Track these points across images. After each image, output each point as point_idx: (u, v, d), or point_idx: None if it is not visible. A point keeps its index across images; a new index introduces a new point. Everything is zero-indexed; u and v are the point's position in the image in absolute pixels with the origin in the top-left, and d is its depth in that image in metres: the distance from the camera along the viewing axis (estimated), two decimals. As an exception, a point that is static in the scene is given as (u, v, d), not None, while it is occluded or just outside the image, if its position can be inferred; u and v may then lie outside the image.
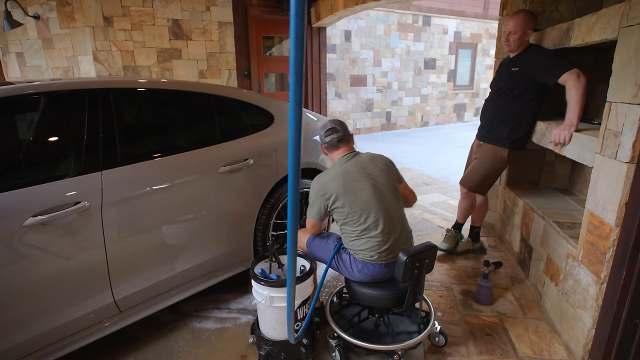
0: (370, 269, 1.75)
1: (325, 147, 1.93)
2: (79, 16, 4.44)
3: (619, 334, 1.60)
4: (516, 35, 2.36)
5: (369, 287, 1.76)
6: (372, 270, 1.75)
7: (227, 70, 5.55)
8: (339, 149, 1.90)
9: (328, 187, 1.78)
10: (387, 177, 1.83)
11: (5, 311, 1.49)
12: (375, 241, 1.73)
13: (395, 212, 1.81)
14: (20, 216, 1.46)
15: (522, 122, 2.47)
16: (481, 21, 9.90)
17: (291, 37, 0.56)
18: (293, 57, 0.59)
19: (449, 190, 4.52)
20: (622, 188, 1.54)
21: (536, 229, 2.40)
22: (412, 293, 1.68)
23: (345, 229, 1.81)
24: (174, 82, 2.35)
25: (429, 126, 9.73)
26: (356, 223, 1.75)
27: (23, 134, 1.71)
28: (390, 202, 1.80)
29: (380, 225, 1.73)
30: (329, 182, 1.79)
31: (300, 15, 0.55)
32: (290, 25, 0.56)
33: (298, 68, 0.59)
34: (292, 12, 0.55)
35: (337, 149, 1.90)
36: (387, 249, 1.73)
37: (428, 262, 1.69)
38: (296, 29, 0.55)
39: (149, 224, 1.87)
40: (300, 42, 0.57)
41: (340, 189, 1.76)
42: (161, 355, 1.93)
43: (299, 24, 0.55)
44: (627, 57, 1.54)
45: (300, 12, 0.54)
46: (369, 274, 1.76)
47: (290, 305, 0.70)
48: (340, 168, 1.82)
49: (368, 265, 1.75)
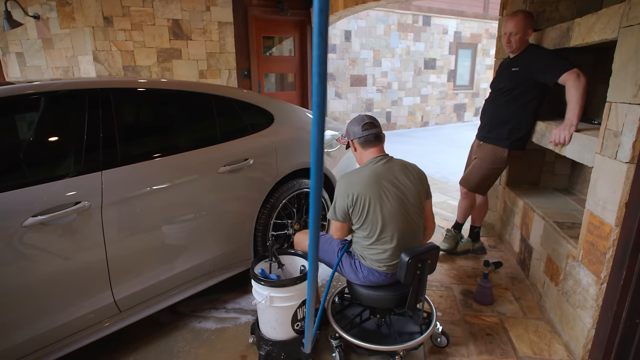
0: (376, 276, 1.74)
1: (359, 143, 1.78)
2: (79, 16, 4.44)
3: (619, 334, 1.60)
4: (517, 35, 2.36)
5: (371, 288, 1.76)
6: (378, 277, 1.74)
7: (227, 70, 5.55)
8: (373, 147, 1.78)
9: (355, 188, 1.67)
10: (415, 192, 1.73)
11: (5, 311, 1.49)
12: (387, 255, 1.70)
13: (414, 229, 1.76)
14: (20, 216, 1.46)
15: (522, 122, 2.47)
16: (481, 21, 9.90)
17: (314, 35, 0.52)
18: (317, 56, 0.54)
19: (449, 190, 4.52)
20: (622, 188, 1.54)
21: (536, 229, 2.40)
22: (414, 294, 1.68)
23: (358, 234, 1.75)
24: (174, 82, 2.35)
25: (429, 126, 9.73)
26: (371, 232, 1.69)
27: (23, 134, 1.71)
28: (412, 219, 1.74)
29: (395, 240, 1.68)
30: (357, 184, 1.68)
31: (324, 11, 0.51)
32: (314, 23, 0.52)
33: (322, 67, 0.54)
34: (316, 9, 0.51)
35: (371, 147, 1.78)
36: (397, 263, 1.71)
37: (430, 263, 1.69)
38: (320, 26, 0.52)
39: (149, 224, 1.86)
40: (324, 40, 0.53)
41: (366, 193, 1.66)
42: (161, 355, 1.93)
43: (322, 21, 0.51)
44: (627, 57, 1.54)
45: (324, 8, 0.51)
46: (374, 281, 1.75)
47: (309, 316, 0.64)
48: (370, 171, 1.71)
49: (374, 272, 1.74)
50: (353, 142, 1.82)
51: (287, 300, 1.73)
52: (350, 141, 1.85)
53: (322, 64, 0.54)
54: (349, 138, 1.85)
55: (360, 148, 1.81)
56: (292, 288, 1.72)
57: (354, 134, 1.80)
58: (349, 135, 1.84)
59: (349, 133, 1.84)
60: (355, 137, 1.80)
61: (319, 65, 0.54)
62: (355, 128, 1.79)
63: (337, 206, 1.73)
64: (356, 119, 1.83)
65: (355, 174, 1.74)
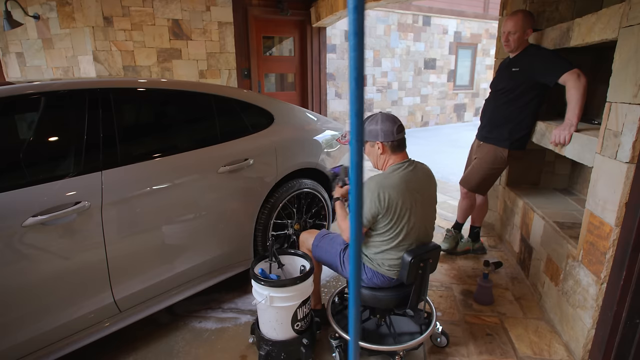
0: (380, 279, 1.72)
1: (392, 146, 1.65)
2: (79, 16, 4.44)
3: (619, 334, 1.59)
4: (516, 35, 2.36)
5: (373, 289, 1.76)
6: (382, 281, 1.72)
7: (227, 70, 5.55)
8: (401, 152, 1.69)
9: (387, 193, 1.57)
10: (435, 201, 1.74)
11: (5, 311, 1.49)
12: (400, 262, 1.66)
13: (429, 238, 1.76)
14: (20, 216, 1.46)
15: (522, 122, 2.47)
16: (481, 21, 9.90)
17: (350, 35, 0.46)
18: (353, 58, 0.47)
19: (449, 190, 4.52)
20: (622, 188, 1.54)
21: (536, 229, 2.40)
22: (416, 293, 1.68)
23: (374, 238, 1.67)
24: (174, 82, 2.35)
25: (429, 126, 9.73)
26: (391, 238, 1.63)
27: (23, 134, 1.71)
28: (430, 228, 1.74)
29: (412, 249, 1.66)
30: (390, 190, 1.58)
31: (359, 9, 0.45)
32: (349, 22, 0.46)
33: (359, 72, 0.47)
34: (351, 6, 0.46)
35: (400, 152, 1.68)
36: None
37: (432, 263, 1.69)
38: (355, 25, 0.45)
39: (149, 224, 1.86)
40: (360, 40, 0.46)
41: (398, 200, 1.57)
42: (161, 355, 1.93)
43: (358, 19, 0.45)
44: (627, 57, 1.54)
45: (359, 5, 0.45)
46: (377, 283, 1.73)
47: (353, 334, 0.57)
48: (400, 179, 1.62)
49: (379, 275, 1.71)
50: (383, 144, 1.65)
51: (287, 300, 1.73)
52: (378, 143, 1.66)
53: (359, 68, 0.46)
54: (377, 139, 1.65)
55: (389, 151, 1.66)
56: (292, 288, 1.72)
57: (387, 136, 1.63)
58: (379, 136, 1.64)
59: (379, 134, 1.64)
60: (388, 140, 1.64)
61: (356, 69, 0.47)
62: (388, 129, 1.63)
63: (367, 210, 1.58)
64: (386, 118, 1.66)
65: (387, 179, 1.61)
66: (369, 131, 1.68)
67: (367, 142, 1.70)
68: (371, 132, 1.68)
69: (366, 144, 1.71)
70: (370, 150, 1.71)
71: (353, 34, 0.46)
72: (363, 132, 0.53)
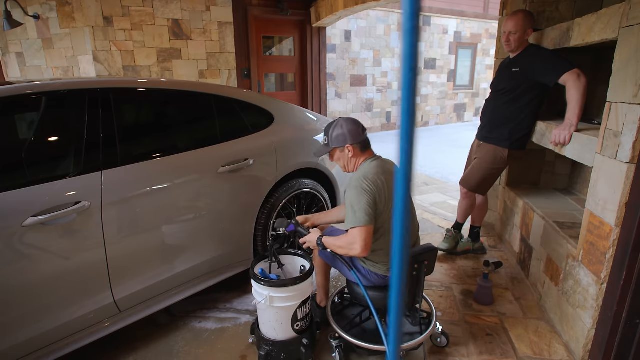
0: (375, 278, 1.73)
1: (360, 147, 1.71)
2: (79, 16, 4.44)
3: (619, 334, 1.59)
4: (516, 35, 2.36)
5: (371, 289, 1.76)
6: (377, 279, 1.73)
7: (227, 70, 5.55)
8: (369, 149, 1.74)
9: (370, 180, 1.58)
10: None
11: (5, 311, 1.49)
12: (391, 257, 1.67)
13: (415, 237, 1.77)
14: (20, 216, 1.46)
15: (523, 123, 2.47)
16: (481, 21, 9.90)
17: (405, 22, 0.42)
18: (408, 53, 0.43)
19: (449, 190, 4.52)
20: (622, 188, 1.54)
21: (536, 229, 2.40)
22: (411, 295, 1.68)
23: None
24: (174, 82, 2.35)
25: (429, 126, 9.73)
26: (377, 231, 1.63)
27: (23, 134, 1.71)
28: (414, 217, 1.75)
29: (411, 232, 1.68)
30: (371, 176, 1.59)
31: (415, 11, 0.43)
32: (404, 17, 0.43)
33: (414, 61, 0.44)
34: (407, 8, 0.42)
35: (369, 150, 1.74)
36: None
37: (428, 265, 1.68)
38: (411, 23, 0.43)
39: (149, 224, 1.86)
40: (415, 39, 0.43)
41: (381, 183, 1.59)
42: (161, 355, 1.92)
43: (414, 17, 0.43)
44: (627, 57, 1.54)
45: (416, 9, 0.42)
46: (373, 281, 1.74)
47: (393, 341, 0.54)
48: (376, 166, 1.65)
49: (372, 274, 1.73)
50: (353, 146, 1.70)
51: (287, 300, 1.73)
52: (348, 146, 1.70)
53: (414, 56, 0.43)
54: (345, 143, 1.70)
55: (359, 152, 1.72)
56: (292, 288, 1.72)
57: (355, 137, 1.68)
58: (346, 139, 1.69)
59: (347, 138, 1.69)
60: (356, 141, 1.69)
61: (411, 59, 0.43)
62: (354, 131, 1.69)
63: (364, 203, 1.54)
64: (348, 121, 1.72)
65: (363, 171, 1.64)
66: (335, 137, 1.73)
67: (336, 148, 1.75)
68: (338, 137, 1.72)
69: (335, 150, 1.77)
70: (340, 155, 1.76)
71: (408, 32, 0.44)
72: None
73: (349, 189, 1.63)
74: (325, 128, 1.80)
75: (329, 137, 1.75)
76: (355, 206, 1.56)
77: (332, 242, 1.66)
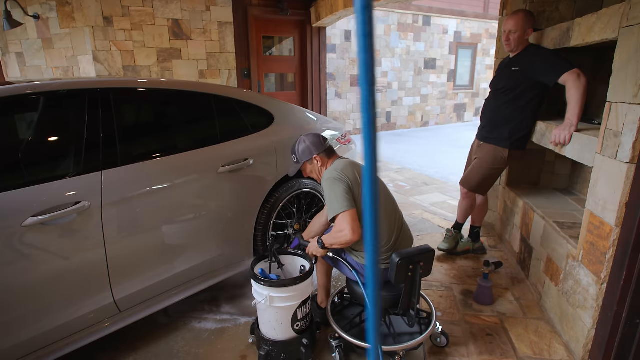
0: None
1: (325, 154, 1.87)
2: (79, 16, 4.44)
3: (619, 334, 1.59)
4: (516, 34, 2.36)
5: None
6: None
7: (227, 70, 5.55)
8: (334, 154, 1.90)
9: (341, 171, 1.70)
10: (389, 192, 1.87)
11: (5, 311, 1.49)
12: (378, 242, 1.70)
13: (395, 210, 1.80)
14: (20, 216, 1.46)
15: (523, 122, 2.47)
16: (481, 21, 9.90)
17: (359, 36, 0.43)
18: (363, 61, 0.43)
19: (449, 190, 4.52)
20: (622, 188, 1.54)
21: (536, 229, 2.40)
22: (406, 296, 1.67)
23: None
24: (174, 82, 2.35)
25: (429, 126, 9.73)
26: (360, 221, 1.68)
27: (23, 133, 1.71)
28: (389, 200, 1.80)
29: (402, 251, 1.66)
30: (342, 169, 1.71)
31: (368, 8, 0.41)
32: (357, 22, 0.42)
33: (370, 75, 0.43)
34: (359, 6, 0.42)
35: (333, 155, 1.90)
36: (387, 251, 1.72)
37: (424, 266, 1.67)
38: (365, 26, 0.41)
39: (149, 224, 1.86)
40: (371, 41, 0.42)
41: (353, 178, 1.69)
42: (161, 355, 1.92)
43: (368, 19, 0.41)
44: (627, 57, 1.54)
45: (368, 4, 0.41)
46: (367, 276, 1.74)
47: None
48: (344, 162, 1.77)
49: (364, 268, 1.74)
50: (320, 156, 1.85)
51: (287, 300, 1.73)
52: (315, 157, 1.86)
53: (370, 71, 0.43)
54: (312, 155, 1.86)
55: (325, 159, 1.87)
56: (292, 288, 1.72)
57: (318, 147, 1.85)
58: (312, 151, 1.85)
59: (311, 150, 1.85)
60: (321, 150, 1.85)
61: (366, 72, 0.43)
62: (316, 141, 1.86)
63: (339, 190, 1.64)
64: (309, 136, 1.88)
65: (333, 168, 1.74)
66: (302, 152, 1.88)
67: (306, 162, 1.89)
68: (304, 151, 1.87)
69: (305, 165, 1.90)
70: (311, 167, 1.90)
71: (362, 35, 0.43)
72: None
73: (323, 183, 1.73)
74: (291, 148, 1.95)
75: (296, 154, 1.90)
76: (331, 195, 1.65)
77: (327, 239, 1.73)
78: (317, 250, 1.80)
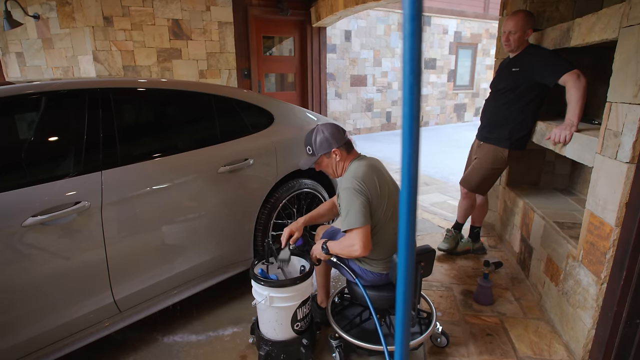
0: (371, 276, 1.73)
1: (345, 148, 1.72)
2: (79, 16, 4.44)
3: (619, 334, 1.59)
4: (516, 34, 2.36)
5: (370, 288, 1.76)
6: (373, 278, 1.74)
7: (227, 70, 5.55)
8: (354, 150, 1.77)
9: (362, 179, 1.58)
10: (395, 185, 1.76)
11: (5, 311, 1.49)
12: (387, 252, 1.67)
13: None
14: (20, 216, 1.46)
15: (523, 123, 2.47)
16: (481, 21, 9.89)
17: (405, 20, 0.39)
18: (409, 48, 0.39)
19: (449, 190, 4.52)
20: (622, 188, 1.54)
21: (536, 229, 2.40)
22: None
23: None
24: (174, 82, 2.35)
25: (429, 126, 9.73)
26: (374, 229, 1.64)
27: (23, 133, 1.71)
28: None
29: (391, 236, 1.66)
30: (363, 176, 1.60)
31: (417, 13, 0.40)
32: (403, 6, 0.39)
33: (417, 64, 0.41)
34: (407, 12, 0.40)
35: (353, 151, 1.76)
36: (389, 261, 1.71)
37: (425, 266, 1.67)
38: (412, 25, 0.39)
39: (149, 224, 1.86)
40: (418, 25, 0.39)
41: (373, 190, 1.60)
42: (161, 355, 1.92)
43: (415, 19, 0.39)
44: (627, 57, 1.54)
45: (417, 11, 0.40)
46: (369, 280, 1.74)
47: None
48: (365, 165, 1.66)
49: (367, 272, 1.73)
50: (339, 149, 1.70)
51: (287, 300, 1.73)
52: (334, 151, 1.70)
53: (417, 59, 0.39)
54: (331, 148, 1.69)
55: (345, 154, 1.73)
56: (292, 288, 1.72)
57: (339, 140, 1.69)
58: (331, 144, 1.69)
59: (330, 142, 1.69)
60: (341, 143, 1.70)
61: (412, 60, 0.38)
62: (336, 134, 1.70)
63: (358, 204, 1.55)
64: (327, 126, 1.72)
65: (353, 172, 1.64)
66: (319, 144, 1.71)
67: (323, 155, 1.73)
68: (322, 143, 1.70)
69: (321, 158, 1.74)
70: (328, 161, 1.75)
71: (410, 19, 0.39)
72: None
73: (342, 191, 1.64)
74: (305, 138, 1.78)
75: (313, 146, 1.73)
76: (350, 208, 1.56)
77: (333, 246, 1.69)
78: (320, 254, 1.77)
